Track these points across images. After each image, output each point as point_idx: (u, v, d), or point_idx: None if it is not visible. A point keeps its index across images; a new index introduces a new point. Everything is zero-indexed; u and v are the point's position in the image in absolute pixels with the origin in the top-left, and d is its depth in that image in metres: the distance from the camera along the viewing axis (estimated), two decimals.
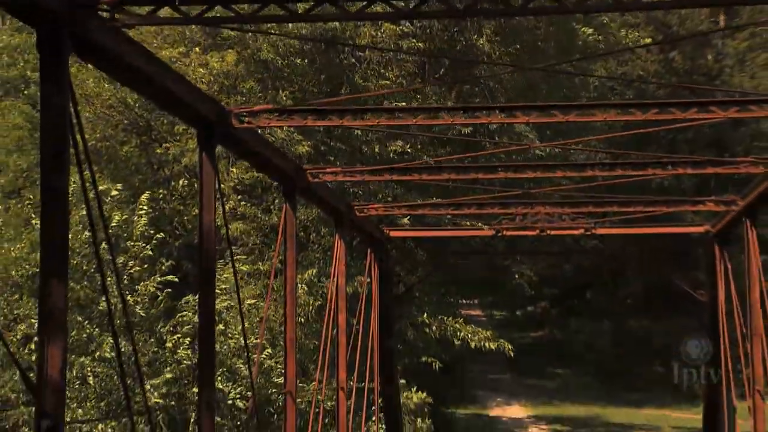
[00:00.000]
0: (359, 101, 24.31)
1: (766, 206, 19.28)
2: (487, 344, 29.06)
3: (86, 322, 21.48)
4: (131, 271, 21.86)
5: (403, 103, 25.48)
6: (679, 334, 42.81)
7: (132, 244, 22.09)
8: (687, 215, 24.45)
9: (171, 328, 22.14)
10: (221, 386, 20.72)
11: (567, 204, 20.18)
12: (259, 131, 13.88)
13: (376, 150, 26.82)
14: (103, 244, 15.43)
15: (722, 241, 20.81)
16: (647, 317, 46.29)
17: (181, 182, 26.34)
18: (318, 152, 25.58)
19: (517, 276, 38.49)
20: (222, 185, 19.58)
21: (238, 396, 21.38)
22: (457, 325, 28.36)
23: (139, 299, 21.57)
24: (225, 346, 21.65)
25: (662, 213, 20.85)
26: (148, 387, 20.07)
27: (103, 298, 21.31)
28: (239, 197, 26.30)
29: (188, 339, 21.67)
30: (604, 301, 48.50)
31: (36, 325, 7.86)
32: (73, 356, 20.41)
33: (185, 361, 21.31)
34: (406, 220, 24.53)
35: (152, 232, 22.92)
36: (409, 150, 26.71)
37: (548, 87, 31.88)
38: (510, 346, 31.39)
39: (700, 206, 20.01)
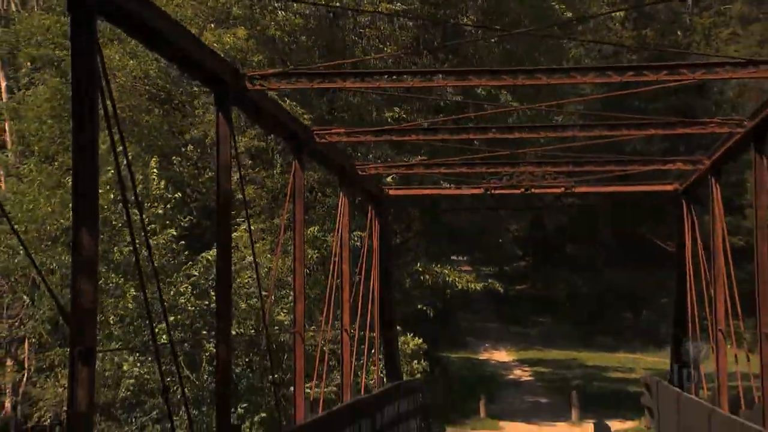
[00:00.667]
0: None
1: (730, 164, 19.35)
2: (472, 285, 29.03)
3: (110, 272, 21.61)
4: (152, 226, 21.98)
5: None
6: (650, 284, 43.24)
7: (149, 204, 22.16)
8: (658, 174, 24.38)
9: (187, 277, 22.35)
10: (234, 330, 20.83)
11: (549, 164, 20.21)
12: (269, 95, 13.89)
13: (374, 116, 26.79)
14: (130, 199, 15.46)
15: (689, 198, 20.86)
16: (621, 269, 46.40)
17: (189, 147, 26.34)
18: (322, 122, 25.50)
19: (503, 234, 38.59)
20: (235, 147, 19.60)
21: (252, 331, 21.52)
22: (446, 272, 28.40)
23: (156, 251, 21.65)
24: (235, 297, 21.79)
25: (635, 172, 20.85)
26: (172, 319, 20.22)
27: (122, 249, 21.55)
28: (249, 161, 26.36)
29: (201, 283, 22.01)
30: (582, 255, 48.61)
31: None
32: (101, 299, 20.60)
33: (194, 306, 21.62)
34: (390, 179, 24.38)
35: (171, 194, 23.04)
36: (404, 116, 26.67)
37: (530, 60, 31.82)
38: (500, 285, 31.53)
39: (670, 165, 20.02)
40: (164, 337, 17.21)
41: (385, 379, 22.25)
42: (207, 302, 21.87)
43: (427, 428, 24.00)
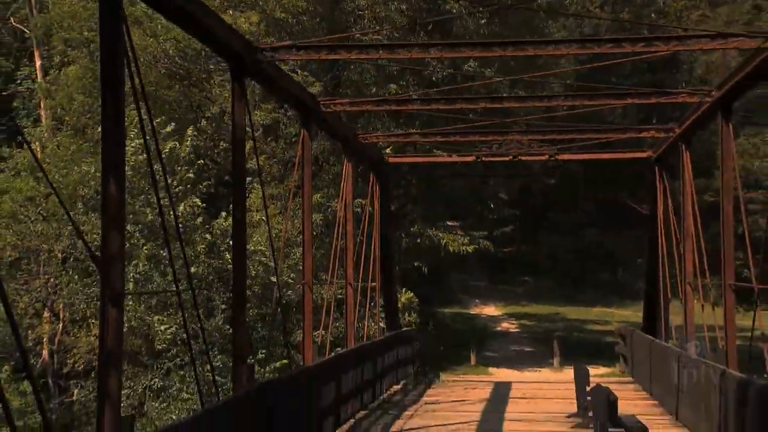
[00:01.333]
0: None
1: (699, 132, 19.36)
2: (465, 248, 29.08)
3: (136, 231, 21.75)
4: (176, 190, 22.09)
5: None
6: (626, 245, 43.32)
7: (179, 167, 22.23)
8: (634, 143, 24.48)
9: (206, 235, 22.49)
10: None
11: (534, 132, 20.25)
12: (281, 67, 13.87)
13: (374, 91, 26.75)
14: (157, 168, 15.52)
15: (662, 164, 20.91)
16: (600, 231, 46.49)
17: (203, 122, 26.34)
18: (327, 94, 25.51)
19: (493, 200, 38.60)
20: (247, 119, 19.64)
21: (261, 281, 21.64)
22: (441, 235, 28.45)
23: (180, 213, 21.75)
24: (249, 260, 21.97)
25: (614, 140, 20.89)
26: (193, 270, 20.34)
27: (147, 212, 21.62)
28: (261, 134, 26.39)
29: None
30: (564, 219, 48.59)
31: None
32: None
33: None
34: (389, 150, 24.36)
35: (194, 159, 23.14)
36: (400, 91, 26.64)
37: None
38: (490, 244, 31.55)
39: (644, 134, 20.08)
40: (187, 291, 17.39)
41: (385, 329, 22.41)
42: (221, 261, 22.04)
43: (423, 373, 24.17)
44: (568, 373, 24.46)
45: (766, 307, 16.34)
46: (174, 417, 20.37)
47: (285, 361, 21.20)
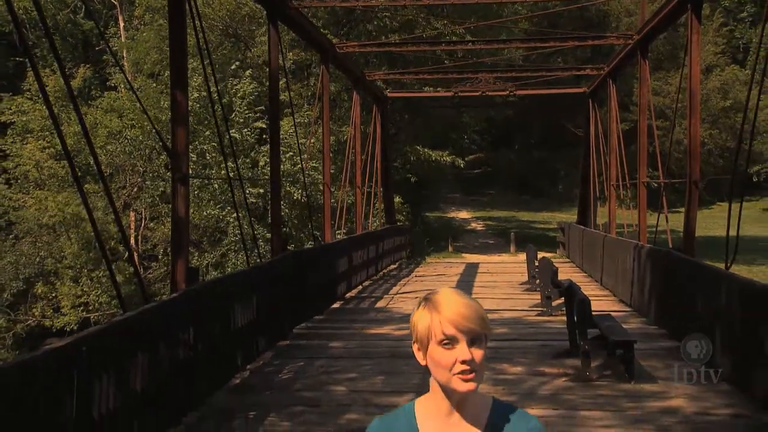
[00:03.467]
0: None
1: (623, 70, 19.10)
2: (442, 158, 28.89)
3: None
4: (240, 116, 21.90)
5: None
6: (566, 161, 43.01)
7: (241, 102, 21.93)
8: (573, 80, 24.15)
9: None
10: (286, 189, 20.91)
11: (498, 72, 20.01)
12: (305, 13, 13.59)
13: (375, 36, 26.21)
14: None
15: (594, 97, 20.72)
16: (547, 151, 46.15)
17: (248, 72, 25.86)
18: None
19: (466, 129, 38.27)
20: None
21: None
22: (426, 151, 28.29)
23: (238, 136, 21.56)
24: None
25: (558, 77, 20.67)
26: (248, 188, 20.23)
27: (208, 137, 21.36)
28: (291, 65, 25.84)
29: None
30: (519, 142, 48.15)
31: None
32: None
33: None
34: (387, 90, 23.97)
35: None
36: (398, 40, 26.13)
37: None
38: (462, 161, 31.38)
39: (582, 71, 19.84)
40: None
41: (384, 223, 22.49)
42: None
43: (412, 257, 24.34)
44: (522, 256, 24.62)
45: (671, 210, 16.39)
46: None
47: (311, 243, 21.42)
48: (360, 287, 15.77)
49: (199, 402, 6.95)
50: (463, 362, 1.80)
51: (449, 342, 1.81)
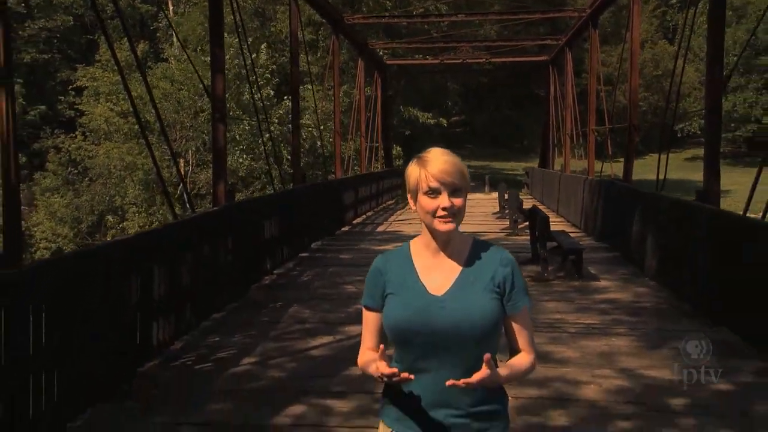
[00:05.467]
0: None
1: (577, 42, 18.69)
2: (429, 120, 28.54)
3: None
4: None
5: None
6: (530, 118, 42.42)
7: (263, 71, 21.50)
8: (537, 49, 23.54)
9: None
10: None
11: (477, 41, 19.59)
12: None
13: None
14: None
15: (554, 64, 20.34)
16: (514, 110, 45.59)
17: (263, 45, 25.07)
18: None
19: (449, 93, 37.65)
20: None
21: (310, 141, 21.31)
22: (417, 112, 27.91)
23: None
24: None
25: (525, 46, 20.22)
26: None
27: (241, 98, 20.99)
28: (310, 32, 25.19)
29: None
30: (492, 102, 47.23)
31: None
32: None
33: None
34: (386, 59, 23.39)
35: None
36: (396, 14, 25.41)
37: None
38: (445, 121, 30.98)
39: (545, 41, 19.42)
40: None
41: (384, 166, 22.35)
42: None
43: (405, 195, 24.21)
44: (494, 195, 24.53)
45: (613, 160, 16.22)
46: None
47: None
48: (364, 216, 15.74)
49: (237, 296, 6.99)
50: (444, 209, 1.79)
51: (433, 192, 1.82)
